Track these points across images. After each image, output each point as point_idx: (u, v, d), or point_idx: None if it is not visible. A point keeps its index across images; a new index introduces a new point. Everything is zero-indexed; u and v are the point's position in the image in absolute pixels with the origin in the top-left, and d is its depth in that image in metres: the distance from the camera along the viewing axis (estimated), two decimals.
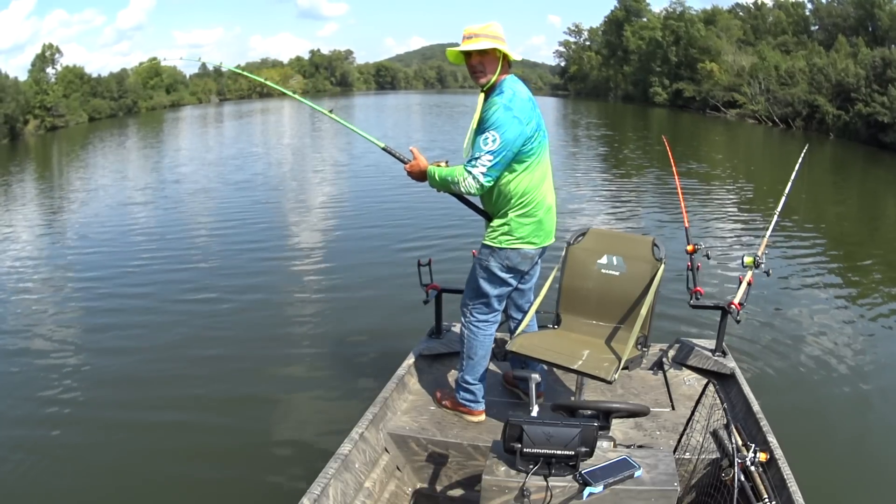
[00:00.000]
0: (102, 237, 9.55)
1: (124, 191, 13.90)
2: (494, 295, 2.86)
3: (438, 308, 3.65)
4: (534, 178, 2.68)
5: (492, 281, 2.82)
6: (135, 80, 54.31)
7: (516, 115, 2.53)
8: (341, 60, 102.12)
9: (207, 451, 3.88)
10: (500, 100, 2.55)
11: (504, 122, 2.51)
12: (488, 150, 2.52)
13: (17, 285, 7.36)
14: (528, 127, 2.57)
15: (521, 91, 2.62)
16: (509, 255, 2.74)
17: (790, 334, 5.52)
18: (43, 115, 37.97)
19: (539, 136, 2.64)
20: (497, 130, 2.51)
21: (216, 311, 6.14)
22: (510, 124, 2.51)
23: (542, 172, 2.71)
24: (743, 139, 25.63)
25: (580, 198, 11.68)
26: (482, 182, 2.57)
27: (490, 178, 2.58)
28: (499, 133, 2.51)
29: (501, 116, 2.51)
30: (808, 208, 10.69)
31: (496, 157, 2.53)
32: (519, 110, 2.55)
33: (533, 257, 2.81)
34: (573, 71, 70.56)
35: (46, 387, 4.74)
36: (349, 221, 10.06)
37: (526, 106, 2.59)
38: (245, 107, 55.04)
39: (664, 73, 46.48)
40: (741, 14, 44.80)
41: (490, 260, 2.78)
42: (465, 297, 2.97)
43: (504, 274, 2.79)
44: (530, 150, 2.62)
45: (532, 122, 2.59)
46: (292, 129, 31.48)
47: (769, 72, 31.59)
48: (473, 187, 2.59)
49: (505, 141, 2.51)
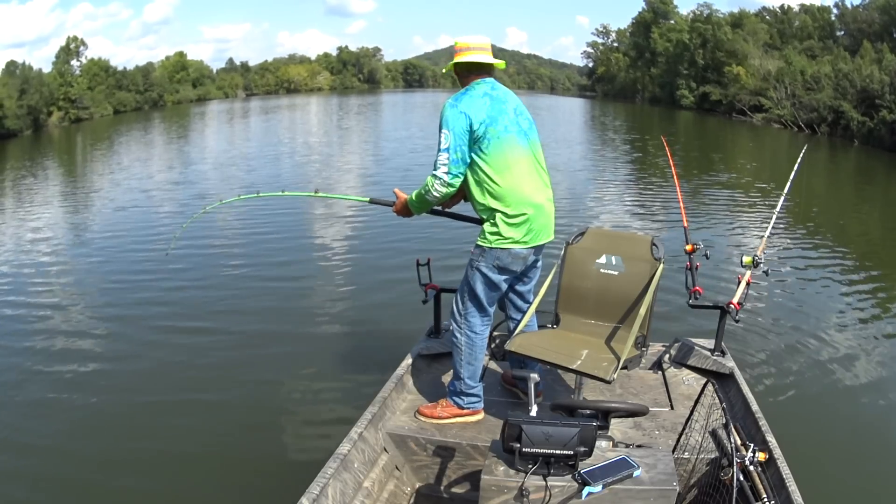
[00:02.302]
0: (119, 228, 9.86)
1: (144, 181, 14.23)
2: (487, 298, 2.85)
3: (437, 308, 3.65)
4: (511, 177, 2.69)
5: (483, 282, 2.81)
6: (161, 74, 54.51)
7: (461, 110, 2.66)
8: (369, 57, 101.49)
9: (206, 450, 3.88)
10: (448, 101, 2.72)
11: (449, 117, 2.66)
12: (443, 149, 2.65)
13: (39, 271, 7.63)
14: (476, 120, 2.65)
15: (478, 90, 2.73)
16: (499, 256, 2.74)
17: (789, 334, 5.52)
18: (67, 107, 38.49)
19: (493, 130, 2.66)
20: (446, 127, 2.65)
21: (215, 310, 6.14)
22: (455, 118, 2.65)
23: (519, 170, 2.72)
24: (769, 145, 25.32)
25: (585, 197, 11.70)
26: (447, 180, 2.68)
27: (454, 174, 2.68)
28: (448, 129, 2.65)
29: (447, 113, 2.67)
30: (820, 211, 10.72)
31: (452, 152, 2.65)
32: (465, 105, 2.67)
33: (525, 257, 2.80)
34: (601, 72, 70.10)
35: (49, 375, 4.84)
36: (349, 221, 10.06)
37: (476, 101, 2.68)
38: (272, 102, 55.00)
39: (691, 75, 46.16)
40: (767, 18, 44.56)
41: (481, 260, 2.78)
42: (456, 298, 2.94)
43: (495, 275, 2.79)
44: (489, 145, 2.66)
45: (482, 116, 2.65)
46: (319, 126, 31.31)
47: (795, 76, 31.31)
48: (443, 187, 2.70)
49: (454, 134, 2.64)
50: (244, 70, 76.91)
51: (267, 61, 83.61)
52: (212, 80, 68.14)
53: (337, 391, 4.55)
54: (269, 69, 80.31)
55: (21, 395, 4.63)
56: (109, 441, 3.98)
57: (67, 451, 3.90)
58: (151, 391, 4.60)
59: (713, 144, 23.72)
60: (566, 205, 10.47)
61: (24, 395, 4.64)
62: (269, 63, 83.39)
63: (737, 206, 11.23)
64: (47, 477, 3.66)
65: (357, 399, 3.98)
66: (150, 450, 3.85)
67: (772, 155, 21.83)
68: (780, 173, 14.24)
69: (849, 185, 16.25)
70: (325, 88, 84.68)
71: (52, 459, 3.81)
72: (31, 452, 3.87)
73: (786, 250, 8.22)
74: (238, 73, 74.11)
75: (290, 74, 78.35)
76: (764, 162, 19.32)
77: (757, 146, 24.59)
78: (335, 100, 58.96)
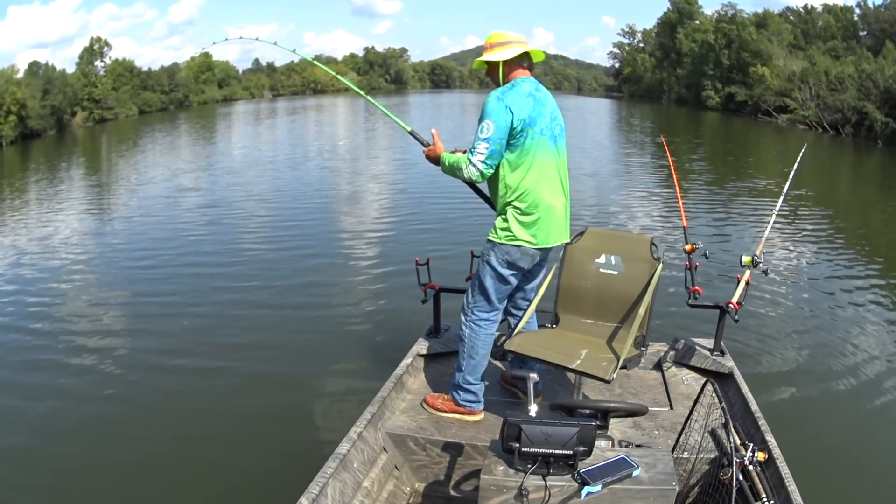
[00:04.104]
0: (145, 223, 10.14)
1: (172, 179, 14.45)
2: (495, 291, 2.88)
3: (437, 307, 3.65)
4: (532, 177, 2.72)
5: (493, 277, 2.84)
6: (186, 74, 54.45)
7: (507, 105, 2.67)
8: (396, 58, 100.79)
9: (206, 450, 3.88)
10: (494, 93, 2.73)
11: (494, 110, 2.67)
12: (483, 138, 2.67)
13: (67, 266, 7.81)
14: (518, 117, 2.67)
15: (524, 88, 2.75)
16: (509, 251, 2.78)
17: (789, 334, 5.52)
18: (91, 107, 38.63)
19: (531, 131, 2.70)
20: (489, 118, 2.67)
21: (215, 310, 6.14)
22: (500, 112, 2.66)
23: (541, 172, 2.74)
24: (794, 147, 24.88)
25: (603, 197, 11.71)
26: (481, 170, 2.71)
27: (488, 165, 2.70)
28: (491, 120, 2.66)
29: (493, 106, 2.68)
30: (822, 212, 10.69)
31: (491, 144, 2.67)
32: (511, 100, 2.68)
33: (533, 256, 2.82)
34: (627, 72, 69.87)
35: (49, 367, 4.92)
36: (349, 221, 10.06)
37: (521, 100, 2.70)
38: (298, 103, 54.93)
39: (716, 76, 45.91)
40: (791, 18, 44.36)
41: (491, 254, 2.82)
42: (467, 294, 2.99)
43: (505, 270, 2.81)
44: (522, 144, 2.70)
45: (524, 115, 2.68)
46: (346, 128, 31.16)
47: (819, 77, 31.11)
48: (475, 174, 2.72)
49: (497, 127, 2.66)
50: (270, 70, 76.53)
51: (293, 62, 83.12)
52: (238, 80, 67.95)
53: (336, 391, 4.54)
54: (295, 70, 79.85)
55: (25, 391, 4.65)
56: (109, 441, 3.97)
57: (66, 453, 3.90)
58: (151, 392, 4.60)
59: (742, 147, 23.11)
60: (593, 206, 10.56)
61: (27, 390, 4.67)
62: (296, 64, 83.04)
63: (742, 206, 11.23)
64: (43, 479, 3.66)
65: (356, 399, 3.98)
66: (150, 450, 3.85)
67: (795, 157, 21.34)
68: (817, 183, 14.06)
69: (865, 185, 16.11)
70: (356, 85, 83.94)
71: (51, 459, 3.81)
72: (32, 452, 3.88)
73: (785, 250, 8.22)
74: (264, 73, 73.74)
75: (316, 75, 77.96)
76: (789, 164, 18.89)
77: (785, 149, 24.06)
78: (362, 100, 58.89)
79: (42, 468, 3.72)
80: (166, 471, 3.67)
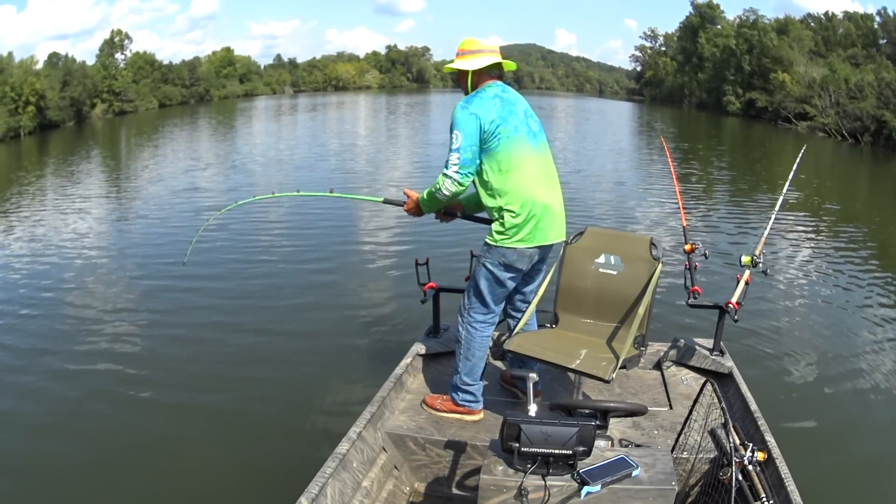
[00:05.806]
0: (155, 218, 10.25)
1: (187, 175, 14.51)
2: (491, 294, 2.88)
3: (436, 307, 3.65)
4: (517, 177, 2.73)
5: (488, 278, 2.84)
6: (207, 69, 54.45)
7: (472, 112, 2.70)
8: (418, 57, 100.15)
9: (205, 450, 3.87)
10: (460, 103, 2.77)
11: (460, 118, 2.71)
12: (454, 149, 2.70)
13: (78, 261, 7.85)
14: (486, 120, 2.69)
15: (489, 92, 2.78)
16: (505, 253, 2.78)
17: (788, 333, 5.52)
18: (111, 99, 38.68)
19: (503, 130, 2.71)
20: (457, 128, 2.70)
21: (215, 311, 6.14)
22: (466, 120, 2.69)
23: (525, 171, 2.75)
24: (812, 155, 24.76)
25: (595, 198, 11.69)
26: (457, 179, 2.72)
27: (463, 174, 2.72)
28: (458, 130, 2.69)
29: (459, 115, 2.72)
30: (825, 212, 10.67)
31: (462, 152, 2.69)
32: (475, 107, 2.71)
33: (531, 256, 2.82)
34: (649, 76, 69.44)
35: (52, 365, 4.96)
36: (348, 221, 10.05)
37: (486, 103, 2.73)
38: (319, 99, 54.78)
39: (737, 81, 45.70)
40: (812, 24, 44.15)
41: (487, 257, 2.82)
42: (463, 297, 2.99)
43: (502, 272, 2.81)
44: (498, 145, 2.71)
45: (492, 116, 2.70)
46: (366, 126, 30.92)
47: (839, 84, 31.03)
48: (453, 186, 2.74)
49: (465, 135, 2.68)
50: (292, 67, 76.42)
51: (315, 58, 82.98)
52: (259, 76, 67.70)
53: (336, 390, 4.54)
54: (317, 66, 79.58)
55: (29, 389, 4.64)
56: (109, 441, 3.97)
57: (65, 451, 3.90)
58: (151, 391, 4.60)
59: (766, 154, 22.67)
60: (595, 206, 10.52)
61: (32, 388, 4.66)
62: (318, 60, 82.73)
63: (742, 206, 11.23)
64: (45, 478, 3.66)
65: (356, 398, 3.98)
66: (150, 450, 3.85)
67: (815, 165, 20.40)
68: (823, 188, 13.99)
69: (875, 192, 16.01)
70: (374, 87, 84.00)
71: (49, 460, 3.81)
72: (32, 454, 3.87)
73: (785, 250, 8.22)
74: (286, 69, 73.63)
75: (338, 72, 77.70)
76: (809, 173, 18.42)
77: (808, 157, 23.81)
78: (383, 98, 58.03)
79: (42, 468, 3.71)
80: (166, 470, 3.66)
